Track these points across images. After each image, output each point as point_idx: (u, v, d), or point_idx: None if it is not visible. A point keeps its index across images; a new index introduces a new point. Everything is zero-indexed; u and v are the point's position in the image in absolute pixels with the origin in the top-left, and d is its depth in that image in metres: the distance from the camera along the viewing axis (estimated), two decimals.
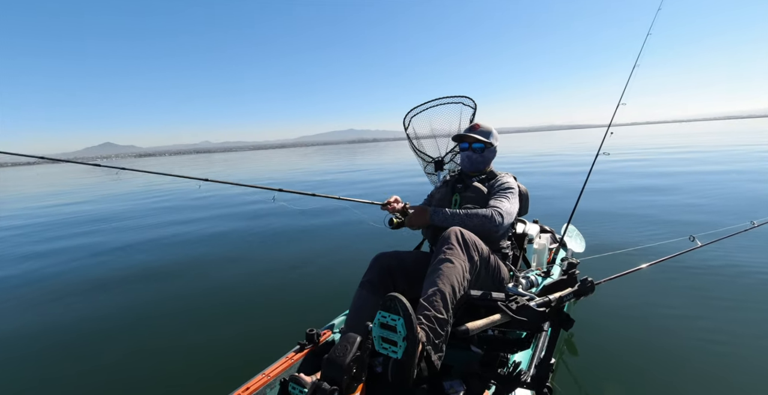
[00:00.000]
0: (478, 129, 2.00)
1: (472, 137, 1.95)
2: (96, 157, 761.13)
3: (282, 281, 3.85)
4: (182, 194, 12.76)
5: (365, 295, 1.69)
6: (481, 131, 1.99)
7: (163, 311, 3.36)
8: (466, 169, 2.04)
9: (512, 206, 1.82)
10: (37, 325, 3.20)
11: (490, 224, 1.70)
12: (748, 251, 3.59)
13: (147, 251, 5.46)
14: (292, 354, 1.64)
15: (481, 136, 1.96)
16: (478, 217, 1.70)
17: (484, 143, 1.96)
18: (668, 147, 19.35)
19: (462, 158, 2.04)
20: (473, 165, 2.00)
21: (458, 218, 1.72)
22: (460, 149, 2.04)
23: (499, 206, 1.76)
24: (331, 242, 5.22)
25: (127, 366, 2.50)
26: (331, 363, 1.27)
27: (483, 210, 1.73)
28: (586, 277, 1.38)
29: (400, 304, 1.16)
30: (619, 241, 4.22)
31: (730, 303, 2.73)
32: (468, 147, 1.98)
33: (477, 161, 1.99)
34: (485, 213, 1.71)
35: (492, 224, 1.70)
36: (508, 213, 1.76)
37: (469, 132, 2.00)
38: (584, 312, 2.61)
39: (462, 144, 2.01)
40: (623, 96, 2.93)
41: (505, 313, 1.30)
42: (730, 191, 6.65)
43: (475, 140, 1.96)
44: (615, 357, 2.22)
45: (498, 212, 1.72)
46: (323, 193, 2.28)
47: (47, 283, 4.30)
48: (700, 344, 2.28)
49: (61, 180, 28.36)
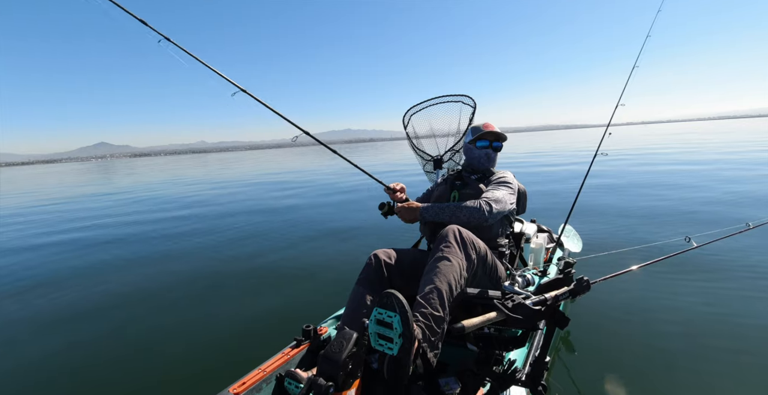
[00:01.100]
0: (494, 129, 2.02)
1: (494, 135, 2.00)
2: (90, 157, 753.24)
3: (279, 278, 3.85)
4: (181, 194, 12.74)
5: (362, 292, 1.70)
6: (499, 130, 2.03)
7: (158, 306, 3.36)
8: (482, 165, 2.04)
9: (504, 195, 1.82)
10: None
11: (478, 214, 1.71)
12: (744, 252, 3.61)
13: (143, 246, 5.45)
14: (289, 349, 1.64)
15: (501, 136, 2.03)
16: (467, 208, 1.72)
17: (502, 143, 2.04)
18: (666, 147, 19.38)
19: (479, 155, 2.03)
20: (490, 162, 2.04)
21: (448, 211, 1.74)
22: (476, 146, 2.03)
23: (488, 195, 1.79)
24: (327, 239, 5.23)
25: (123, 360, 2.50)
26: (326, 359, 1.27)
27: (471, 201, 1.75)
28: (582, 276, 1.38)
29: (397, 301, 1.16)
30: (615, 241, 4.24)
31: (726, 303, 2.75)
32: (488, 145, 2.01)
33: (493, 160, 2.05)
34: (473, 204, 1.73)
35: (480, 214, 1.71)
36: (497, 200, 1.76)
37: (491, 131, 2.00)
38: (580, 311, 2.62)
39: (481, 142, 2.02)
40: (622, 96, 2.94)
41: (501, 311, 1.30)
42: (728, 190, 6.67)
43: (496, 139, 2.02)
44: (610, 355, 2.24)
45: (486, 201, 1.74)
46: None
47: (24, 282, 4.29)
48: (695, 343, 2.30)
49: (85, 177, 28.30)
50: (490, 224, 1.81)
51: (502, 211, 1.79)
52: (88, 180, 23.58)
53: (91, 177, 23.97)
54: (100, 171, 33.60)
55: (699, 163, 11.54)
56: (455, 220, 1.73)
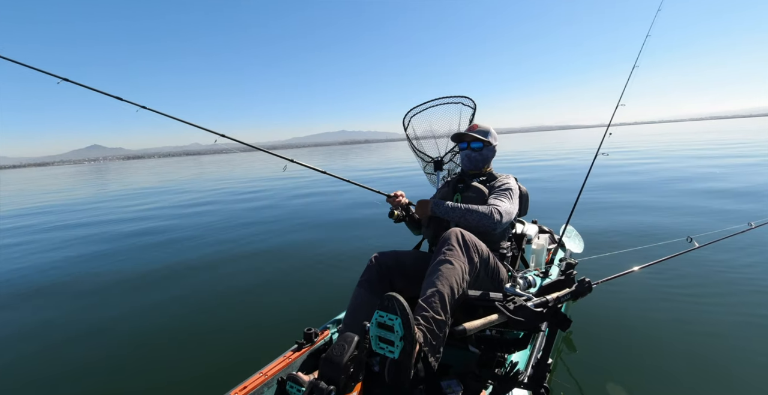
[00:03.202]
0: (476, 129, 2.03)
1: (470, 136, 1.98)
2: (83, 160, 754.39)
3: (280, 281, 3.85)
4: (168, 198, 12.75)
5: (363, 294, 1.69)
6: (479, 130, 2.02)
7: (159, 311, 3.35)
8: (467, 167, 2.07)
9: (511, 207, 1.83)
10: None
11: (488, 222, 1.71)
12: (746, 251, 3.60)
13: (143, 253, 5.46)
14: (290, 353, 1.64)
15: (479, 135, 1.99)
16: (477, 213, 1.71)
17: (482, 142, 1.99)
18: (665, 146, 19.36)
19: (462, 157, 2.07)
20: (473, 164, 2.03)
21: (458, 211, 1.74)
22: (459, 148, 2.07)
23: (499, 205, 1.78)
24: (329, 242, 5.22)
25: (124, 364, 2.50)
26: (328, 363, 1.27)
27: (483, 207, 1.74)
28: (583, 277, 1.38)
29: (398, 304, 1.16)
30: (617, 242, 4.23)
31: (728, 303, 2.73)
32: (467, 146, 2.02)
33: (476, 160, 2.02)
34: (485, 210, 1.72)
35: (490, 221, 1.70)
36: (507, 213, 1.77)
37: (467, 131, 2.03)
38: (582, 312, 2.61)
39: (461, 144, 2.04)
40: (622, 96, 2.92)
41: (503, 313, 1.30)
42: (728, 190, 6.66)
43: (473, 139, 1.99)
44: (612, 357, 2.23)
45: (497, 210, 1.73)
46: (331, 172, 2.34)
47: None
48: (697, 344, 2.28)
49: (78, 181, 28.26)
50: (497, 232, 1.82)
51: (508, 222, 1.80)
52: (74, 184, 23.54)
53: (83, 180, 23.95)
54: (93, 173, 33.64)
55: (699, 162, 11.52)
56: (464, 222, 1.73)
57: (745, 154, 13.20)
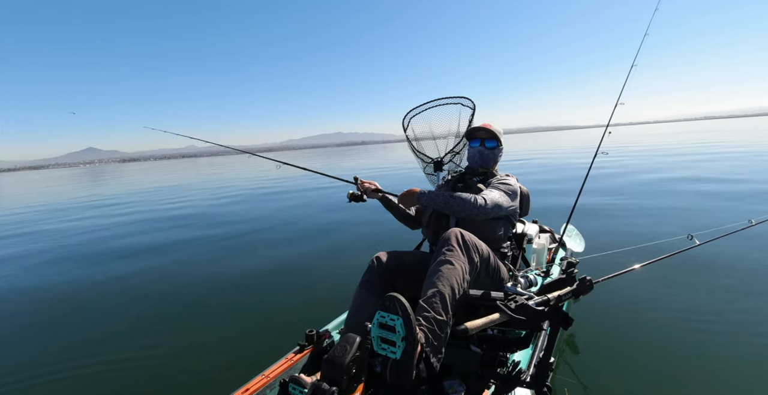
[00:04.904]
0: (490, 128, 2.02)
1: (487, 133, 1.98)
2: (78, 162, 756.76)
3: (281, 282, 3.85)
4: (173, 198, 12.75)
5: (364, 295, 1.69)
6: (494, 129, 2.01)
7: (161, 311, 3.36)
8: (476, 165, 2.05)
9: (501, 198, 1.80)
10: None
11: (472, 208, 1.69)
12: (746, 248, 3.60)
13: (146, 255, 5.46)
14: (292, 354, 1.64)
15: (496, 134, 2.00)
16: (461, 199, 1.71)
17: (497, 141, 2.00)
18: (663, 146, 19.36)
19: (472, 154, 2.04)
20: (484, 161, 2.02)
21: (443, 197, 1.73)
22: (470, 145, 2.05)
23: (486, 193, 1.78)
24: (330, 243, 5.22)
25: (126, 365, 2.50)
26: (330, 364, 1.27)
27: (468, 194, 1.74)
28: (584, 276, 1.38)
29: (399, 304, 1.16)
30: (618, 240, 4.23)
31: (730, 301, 2.73)
32: (480, 143, 2.01)
33: (488, 158, 2.01)
34: (469, 197, 1.71)
35: (474, 207, 1.69)
36: (493, 201, 1.74)
37: (482, 129, 2.01)
38: (584, 310, 2.61)
39: (473, 141, 2.03)
40: (621, 96, 2.93)
41: (504, 312, 1.30)
42: (729, 188, 6.66)
43: (489, 137, 2.00)
44: (615, 355, 2.23)
45: (483, 197, 1.73)
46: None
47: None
48: (700, 342, 2.28)
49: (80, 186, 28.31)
50: (481, 219, 1.77)
51: (497, 208, 1.76)
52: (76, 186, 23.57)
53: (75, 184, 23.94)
54: (87, 175, 33.68)
55: (699, 161, 11.52)
56: (447, 209, 1.73)
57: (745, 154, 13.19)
